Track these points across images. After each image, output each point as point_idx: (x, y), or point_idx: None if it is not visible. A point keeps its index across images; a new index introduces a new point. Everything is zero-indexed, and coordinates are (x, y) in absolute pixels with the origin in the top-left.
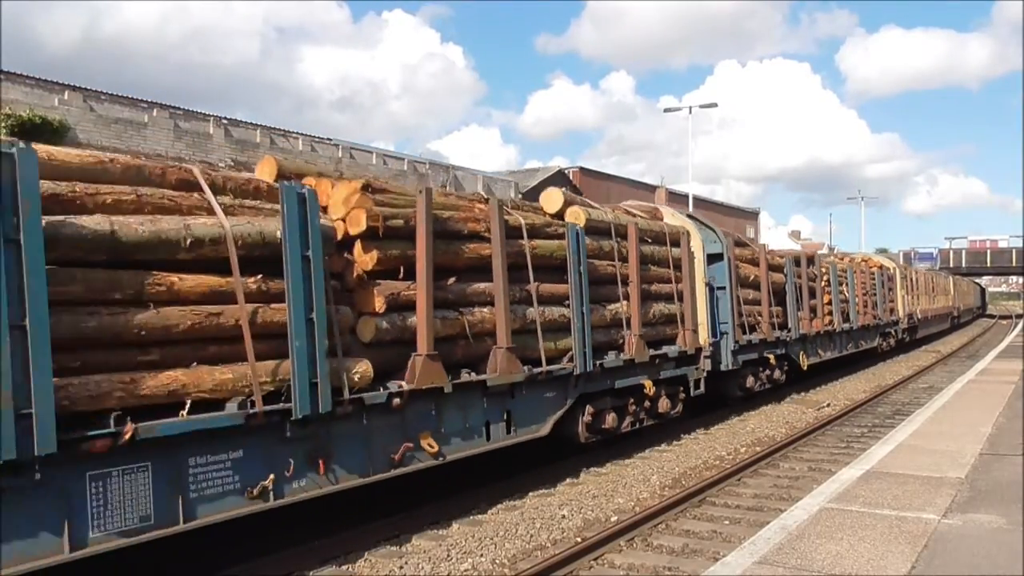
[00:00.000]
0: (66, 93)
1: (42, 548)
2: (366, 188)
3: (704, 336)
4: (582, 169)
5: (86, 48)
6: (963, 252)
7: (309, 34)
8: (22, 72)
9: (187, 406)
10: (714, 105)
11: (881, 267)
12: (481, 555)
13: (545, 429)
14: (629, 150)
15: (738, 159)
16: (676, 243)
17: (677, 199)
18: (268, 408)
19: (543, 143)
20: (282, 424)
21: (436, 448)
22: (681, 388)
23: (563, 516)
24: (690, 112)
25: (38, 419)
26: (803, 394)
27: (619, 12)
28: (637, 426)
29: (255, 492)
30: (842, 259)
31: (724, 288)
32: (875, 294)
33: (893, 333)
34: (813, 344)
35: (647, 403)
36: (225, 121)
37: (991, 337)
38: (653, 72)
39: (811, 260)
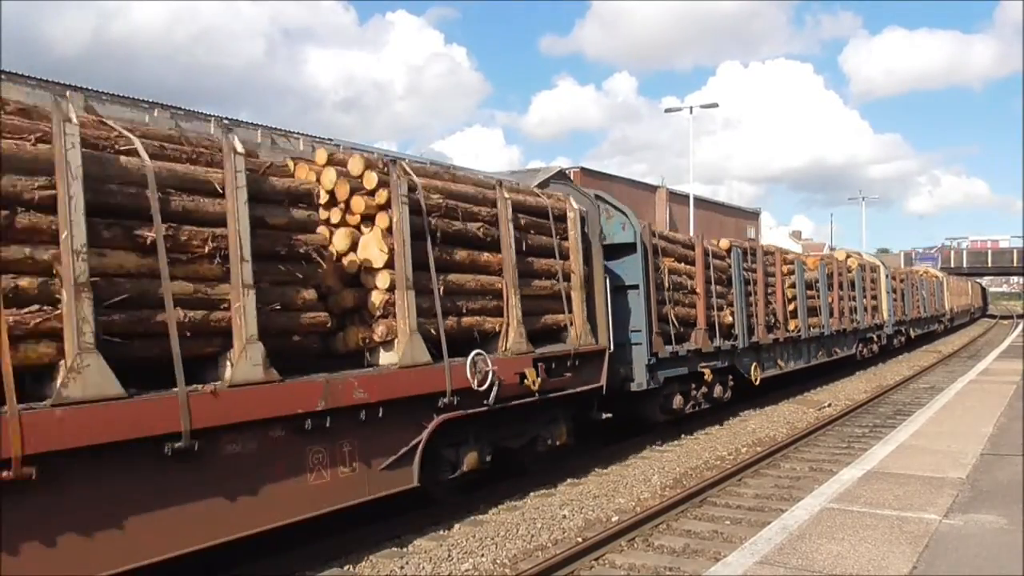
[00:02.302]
0: (67, 93)
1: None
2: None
3: (885, 316)
4: (583, 169)
5: (94, 50)
6: (964, 252)
7: (315, 36)
8: (24, 73)
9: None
10: (715, 105)
11: (936, 277)
12: (482, 555)
13: (851, 352)
14: (632, 150)
15: (741, 159)
16: (876, 270)
17: (679, 199)
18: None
19: (547, 144)
20: (821, 337)
21: (829, 356)
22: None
23: (564, 516)
24: (691, 112)
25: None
26: (804, 394)
27: (624, 13)
28: (869, 355)
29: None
30: (916, 271)
31: (888, 293)
32: (935, 295)
33: (943, 321)
34: (912, 324)
35: (871, 345)
36: (226, 121)
37: (992, 337)
38: (657, 73)
39: (909, 273)
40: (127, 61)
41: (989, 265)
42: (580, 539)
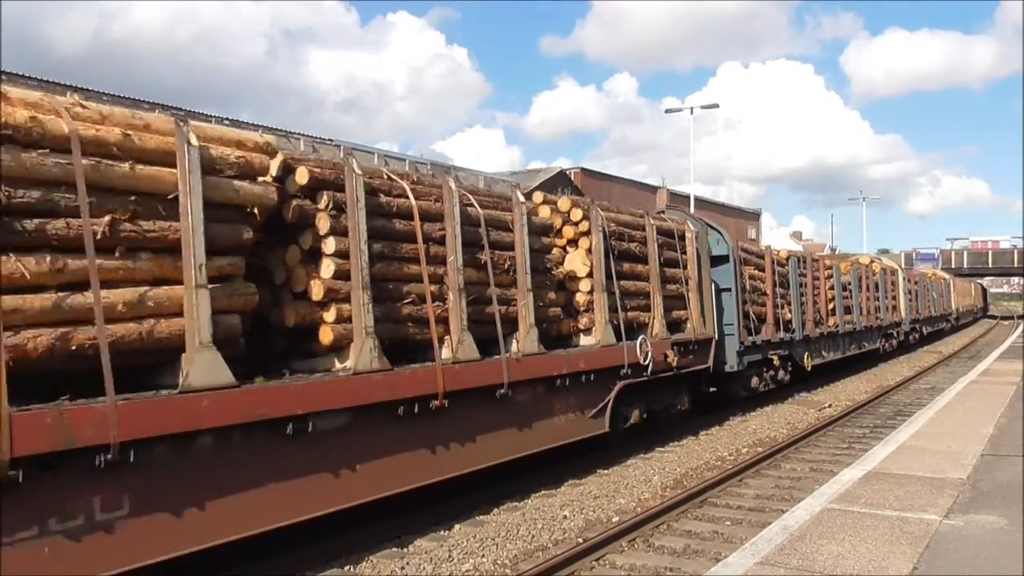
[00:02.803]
0: (68, 94)
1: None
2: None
3: (903, 315)
4: (583, 170)
5: (96, 50)
6: (964, 253)
7: (317, 36)
8: (24, 73)
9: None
10: (715, 106)
11: (944, 279)
12: (483, 556)
13: (876, 346)
14: (633, 151)
15: (741, 160)
16: (895, 274)
17: (679, 200)
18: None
19: (548, 144)
20: (853, 332)
21: (859, 349)
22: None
23: (565, 517)
24: (691, 113)
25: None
26: (805, 394)
27: (624, 14)
28: (890, 349)
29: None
30: (927, 274)
31: (905, 294)
32: (943, 296)
33: (951, 320)
34: (925, 322)
35: (891, 340)
36: (227, 122)
37: (993, 338)
38: (657, 73)
39: (922, 276)
40: (128, 62)
41: (989, 266)
42: (581, 539)
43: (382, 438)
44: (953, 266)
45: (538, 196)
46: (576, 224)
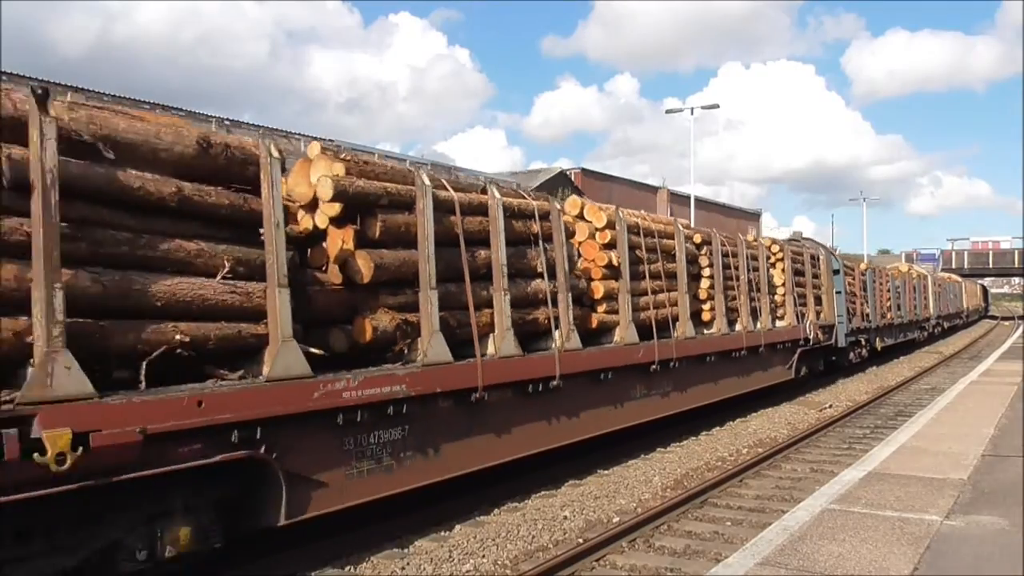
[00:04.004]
0: (69, 95)
1: None
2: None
3: (931, 312)
4: (584, 170)
5: (98, 51)
6: (965, 253)
7: (319, 37)
8: (25, 74)
9: None
10: (716, 106)
11: (958, 281)
12: (483, 556)
13: (914, 335)
14: (635, 151)
15: (742, 160)
16: (925, 279)
17: (680, 200)
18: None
19: (549, 145)
20: (902, 324)
21: (904, 337)
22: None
23: (565, 517)
24: (692, 113)
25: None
26: (805, 395)
27: (626, 15)
28: (924, 337)
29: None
30: (946, 279)
31: (933, 295)
32: (957, 296)
33: (963, 317)
34: (945, 318)
35: (924, 332)
36: (227, 122)
37: (993, 338)
38: (659, 74)
39: (944, 280)
40: (130, 63)
41: (990, 266)
42: (581, 540)
43: (725, 369)
44: (954, 266)
45: (750, 236)
46: (775, 254)
